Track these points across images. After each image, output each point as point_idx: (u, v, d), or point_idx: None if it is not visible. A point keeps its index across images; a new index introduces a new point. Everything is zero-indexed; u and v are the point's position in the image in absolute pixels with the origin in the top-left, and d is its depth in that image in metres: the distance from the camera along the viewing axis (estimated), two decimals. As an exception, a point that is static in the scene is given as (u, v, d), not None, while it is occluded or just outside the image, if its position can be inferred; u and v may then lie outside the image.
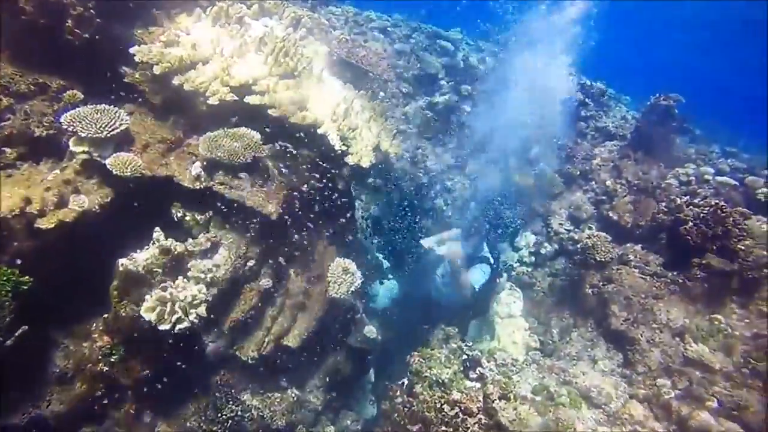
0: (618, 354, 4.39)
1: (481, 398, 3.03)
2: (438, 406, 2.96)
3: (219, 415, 3.30)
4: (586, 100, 8.41)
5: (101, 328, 3.16)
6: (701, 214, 4.76)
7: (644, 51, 30.51)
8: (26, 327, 2.90)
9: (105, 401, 3.27)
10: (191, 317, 2.64)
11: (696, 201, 4.96)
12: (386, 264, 7.35)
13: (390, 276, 7.25)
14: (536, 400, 3.61)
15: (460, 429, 2.82)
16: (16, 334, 2.85)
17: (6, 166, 2.97)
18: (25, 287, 2.70)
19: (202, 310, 2.71)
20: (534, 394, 3.74)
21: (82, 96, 3.23)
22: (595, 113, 8.39)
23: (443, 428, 2.85)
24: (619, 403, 3.78)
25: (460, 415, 2.89)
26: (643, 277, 4.82)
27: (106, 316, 2.97)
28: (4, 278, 2.75)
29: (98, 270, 3.08)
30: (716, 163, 7.71)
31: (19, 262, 2.73)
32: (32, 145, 3.13)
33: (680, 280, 4.63)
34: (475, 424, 2.85)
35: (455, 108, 8.41)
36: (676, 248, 4.91)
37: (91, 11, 3.20)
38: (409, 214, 7.29)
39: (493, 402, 2.99)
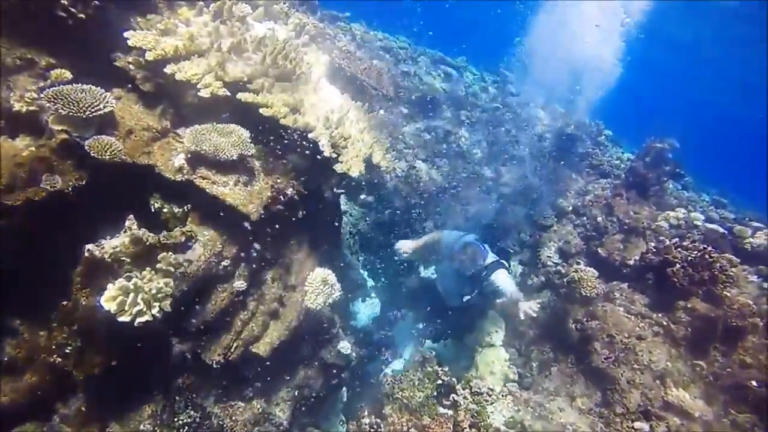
0: (597, 393, 4.26)
1: (450, 425, 2.88)
2: (405, 430, 2.81)
3: (175, 419, 3.12)
4: (584, 137, 8.50)
5: (60, 317, 3.00)
6: (689, 258, 4.73)
7: (650, 102, 31.36)
8: (-22, 308, 2.75)
9: (54, 396, 3.10)
10: (154, 311, 2.50)
11: (685, 244, 4.92)
12: (370, 282, 7.22)
13: (373, 294, 7.12)
14: (509, 433, 3.46)
15: (426, 456, 2.67)
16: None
17: (-21, 138, 2.85)
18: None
19: (166, 304, 2.57)
20: (507, 426, 3.59)
21: (71, 76, 3.14)
22: (591, 151, 8.47)
23: (408, 454, 2.70)
24: (594, 444, 3.64)
25: (428, 441, 2.74)
26: (628, 316, 4.73)
27: (65, 303, 2.81)
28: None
29: (67, 256, 2.94)
30: (706, 210, 7.76)
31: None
32: (10, 120, 3.02)
33: (664, 322, 4.55)
34: (442, 452, 2.71)
35: (453, 132, 8.44)
36: (662, 289, 4.85)
37: (90, -9, 3.15)
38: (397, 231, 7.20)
39: (462, 430, 2.84)
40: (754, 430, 3.81)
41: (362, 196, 7.43)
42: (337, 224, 4.89)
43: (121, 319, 2.48)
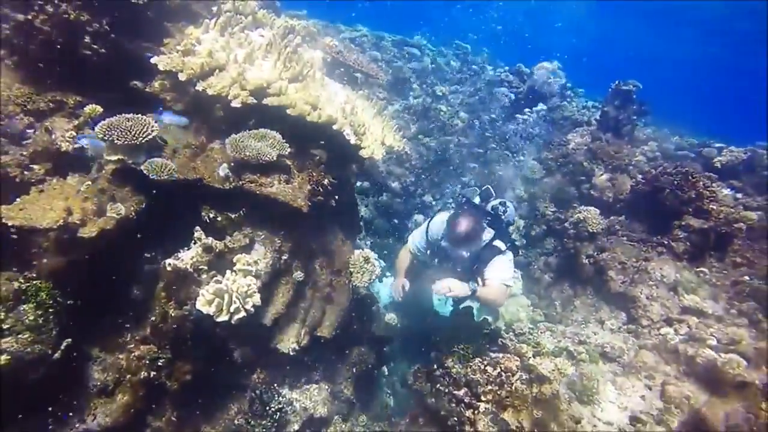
0: (621, 313, 4.76)
1: (517, 358, 3.25)
2: (482, 367, 3.17)
3: (267, 408, 3.36)
4: (551, 92, 8.99)
5: (137, 337, 3.19)
6: (675, 181, 5.26)
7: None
8: (70, 340, 2.91)
9: (145, 410, 3.29)
10: (248, 306, 2.74)
11: (669, 170, 5.45)
12: (382, 263, 7.52)
13: (388, 274, 7.44)
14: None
15: (506, 386, 3.03)
16: (62, 347, 2.86)
17: (37, 181, 2.98)
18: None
19: (256, 299, 2.81)
20: (555, 356, 4.00)
21: (102, 109, 3.27)
22: (560, 104, 8.99)
23: (489, 387, 3.05)
24: (631, 354, 4.11)
25: (503, 374, 3.10)
26: (632, 243, 5.24)
27: (153, 319, 3.00)
28: (44, 291, 2.76)
29: (124, 279, 3.12)
30: (672, 141, 8.44)
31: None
32: (56, 161, 3.15)
33: (665, 242, 5.08)
34: (517, 380, 3.07)
35: (431, 108, 8.77)
36: (656, 215, 5.38)
37: (106, 27, 3.27)
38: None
39: (529, 360, 3.22)
40: (756, 313, 4.39)
41: (358, 183, 7.70)
42: (355, 210, 5.16)
43: (220, 319, 2.70)
